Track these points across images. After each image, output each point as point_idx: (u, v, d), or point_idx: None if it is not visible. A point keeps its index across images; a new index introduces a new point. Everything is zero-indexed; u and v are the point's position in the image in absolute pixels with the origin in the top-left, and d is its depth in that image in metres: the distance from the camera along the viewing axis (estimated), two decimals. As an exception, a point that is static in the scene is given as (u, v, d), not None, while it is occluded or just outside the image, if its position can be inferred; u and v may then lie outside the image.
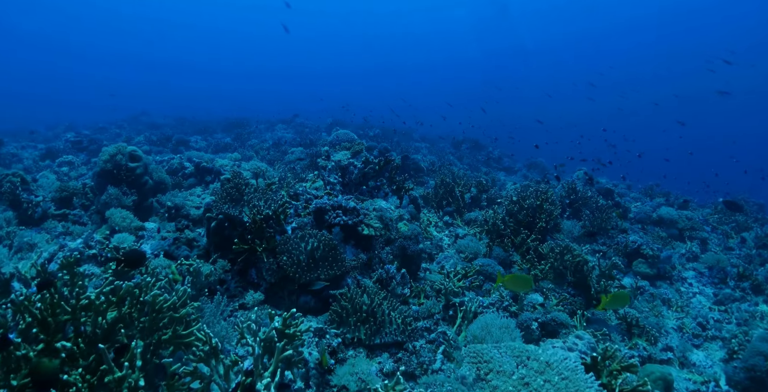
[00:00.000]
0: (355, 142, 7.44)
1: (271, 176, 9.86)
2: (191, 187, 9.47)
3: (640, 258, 8.63)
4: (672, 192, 13.62)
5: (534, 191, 6.88)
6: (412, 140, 21.50)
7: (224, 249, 4.72)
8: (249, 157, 12.87)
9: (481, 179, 9.06)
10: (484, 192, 8.88)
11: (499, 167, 18.81)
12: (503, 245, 6.30)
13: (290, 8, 15.43)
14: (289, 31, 16.18)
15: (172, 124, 24.35)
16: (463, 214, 8.42)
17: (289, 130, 20.92)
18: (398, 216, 5.59)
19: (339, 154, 7.14)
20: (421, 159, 12.38)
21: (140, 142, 15.84)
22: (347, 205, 4.91)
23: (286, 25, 15.59)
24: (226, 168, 9.74)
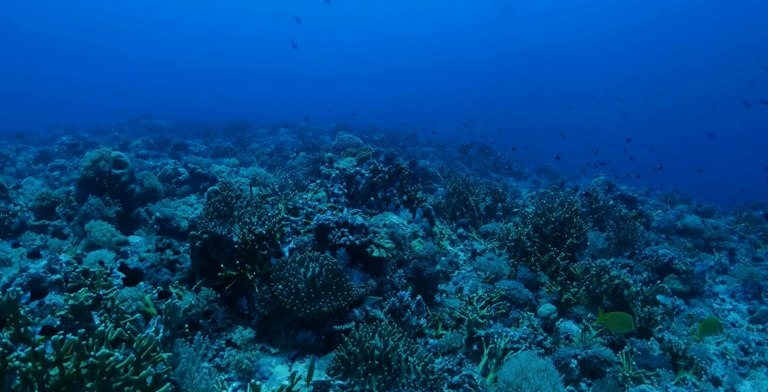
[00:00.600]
0: (362, 148, 6.72)
1: (271, 183, 9.14)
2: (185, 194, 8.77)
3: (672, 273, 7.86)
4: (693, 198, 12.84)
5: (562, 202, 6.12)
6: (417, 144, 20.77)
7: (210, 273, 3.99)
8: (249, 162, 12.18)
9: (496, 187, 8.32)
10: (500, 201, 8.14)
11: (508, 172, 18.05)
12: (529, 264, 5.55)
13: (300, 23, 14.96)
14: (296, 47, 15.74)
15: (174, 127, 23.71)
16: (479, 226, 7.67)
17: (291, 134, 20.23)
18: (412, 233, 4.86)
19: (344, 161, 6.41)
20: (429, 165, 11.65)
21: (138, 145, 15.18)
22: (354, 222, 4.18)
23: (294, 41, 15.15)
24: (223, 174, 9.03)
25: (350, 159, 6.44)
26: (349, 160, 6.32)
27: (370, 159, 6.54)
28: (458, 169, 13.21)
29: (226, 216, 4.12)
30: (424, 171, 11.28)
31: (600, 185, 10.73)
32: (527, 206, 9.01)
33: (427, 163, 11.97)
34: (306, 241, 4.19)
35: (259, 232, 3.87)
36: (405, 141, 20.99)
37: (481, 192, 10.39)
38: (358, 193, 5.28)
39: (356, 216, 4.55)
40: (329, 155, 6.24)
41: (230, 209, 4.16)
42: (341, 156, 6.67)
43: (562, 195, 9.67)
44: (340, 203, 4.99)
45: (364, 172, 5.37)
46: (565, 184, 17.55)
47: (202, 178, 8.74)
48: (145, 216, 7.11)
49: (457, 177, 12.09)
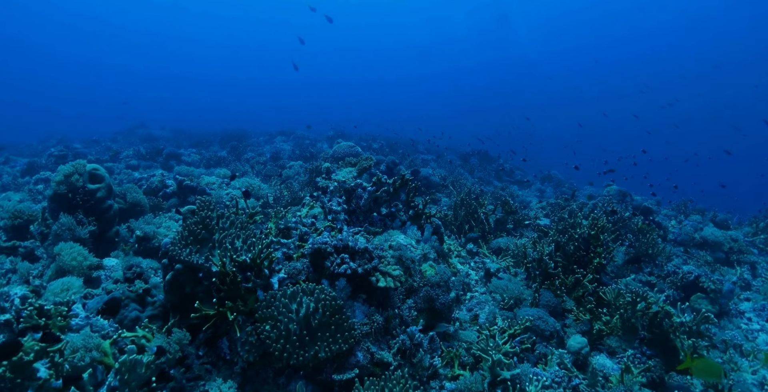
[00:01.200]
0: (362, 157, 6.08)
1: (264, 195, 8.49)
2: (173, 208, 8.10)
3: (699, 292, 7.21)
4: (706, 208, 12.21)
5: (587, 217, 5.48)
6: (417, 152, 20.17)
7: (185, 310, 3.33)
8: (243, 172, 11.53)
9: (506, 199, 7.68)
10: (512, 214, 7.49)
11: (511, 180, 17.43)
12: (553, 288, 4.89)
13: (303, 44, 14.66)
14: (298, 69, 15.35)
15: (169, 136, 23.10)
16: (489, 241, 7.02)
17: (288, 143, 19.62)
18: (422, 255, 4.20)
19: (342, 172, 5.77)
20: (431, 173, 11.03)
21: (128, 156, 14.53)
22: (356, 245, 3.53)
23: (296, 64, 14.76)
24: (213, 186, 8.38)
25: (349, 169, 5.80)
26: (349, 171, 5.68)
27: (372, 169, 5.90)
28: (461, 178, 12.58)
29: (205, 240, 3.46)
30: (427, 180, 10.64)
31: (613, 195, 10.10)
32: (539, 218, 8.38)
33: (429, 171, 11.35)
34: (299, 269, 3.53)
35: (243, 260, 3.22)
36: (402, 147, 20.41)
37: (490, 203, 9.76)
38: (359, 209, 4.64)
39: (358, 237, 3.90)
40: (327, 165, 5.61)
41: (209, 232, 3.51)
42: (339, 166, 6.03)
43: (575, 206, 9.04)
44: (339, 221, 4.34)
45: (366, 184, 4.73)
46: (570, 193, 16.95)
47: (190, 191, 8.09)
48: (125, 235, 6.45)
49: (462, 186, 11.47)
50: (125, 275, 3.78)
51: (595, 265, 5.05)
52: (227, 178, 9.04)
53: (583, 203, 9.05)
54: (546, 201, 9.85)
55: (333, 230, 4.08)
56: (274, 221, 4.22)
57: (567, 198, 9.39)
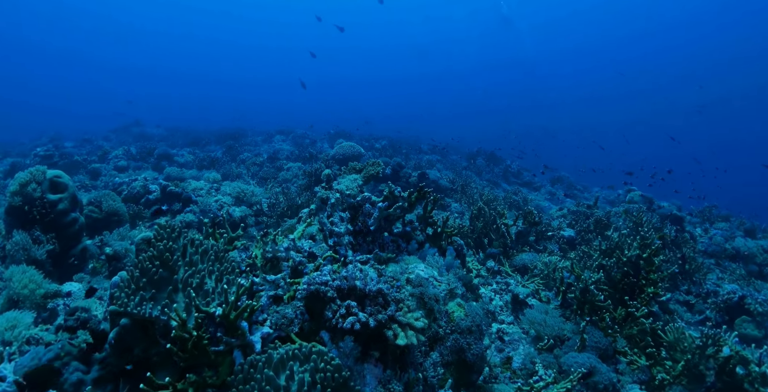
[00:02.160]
0: (368, 163, 5.19)
1: (258, 201, 7.59)
2: (155, 217, 7.20)
3: (744, 315, 6.34)
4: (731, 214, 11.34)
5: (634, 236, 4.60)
6: (421, 152, 19.25)
7: (136, 377, 2.44)
8: (237, 174, 10.62)
9: (529, 209, 6.78)
10: (535, 225, 6.60)
11: (519, 182, 16.53)
12: (602, 325, 4.00)
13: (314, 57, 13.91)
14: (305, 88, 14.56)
15: (165, 134, 22.15)
16: (512, 256, 6.13)
17: (287, 142, 18.69)
18: (447, 290, 3.31)
19: (346, 180, 4.87)
20: (439, 176, 10.13)
21: (118, 156, 13.60)
22: (366, 287, 2.64)
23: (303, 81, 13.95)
24: (201, 192, 7.47)
25: (354, 177, 4.91)
26: (353, 179, 4.79)
27: (380, 173, 5.01)
28: (470, 181, 11.69)
29: (163, 281, 2.57)
30: (435, 184, 9.75)
31: (637, 201, 9.22)
32: (562, 228, 7.49)
33: (437, 174, 10.44)
34: (290, 317, 2.63)
35: (212, 313, 2.33)
36: (405, 146, 19.49)
37: (508, 211, 8.87)
38: (367, 229, 3.74)
39: (368, 270, 3.01)
40: (327, 172, 4.75)
41: (170, 270, 2.61)
42: (342, 173, 5.14)
43: (601, 215, 8.15)
44: (343, 245, 3.45)
45: (375, 198, 3.83)
46: (580, 195, 16.09)
47: (175, 197, 7.19)
48: (96, 252, 5.55)
49: (473, 190, 10.59)
50: (66, 322, 2.89)
51: (650, 295, 4.17)
52: (217, 183, 8.13)
53: (609, 212, 8.16)
54: (567, 209, 8.96)
55: (336, 262, 3.19)
56: (259, 247, 3.32)
57: (590, 206, 8.51)
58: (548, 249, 6.79)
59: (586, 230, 7.45)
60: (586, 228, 7.43)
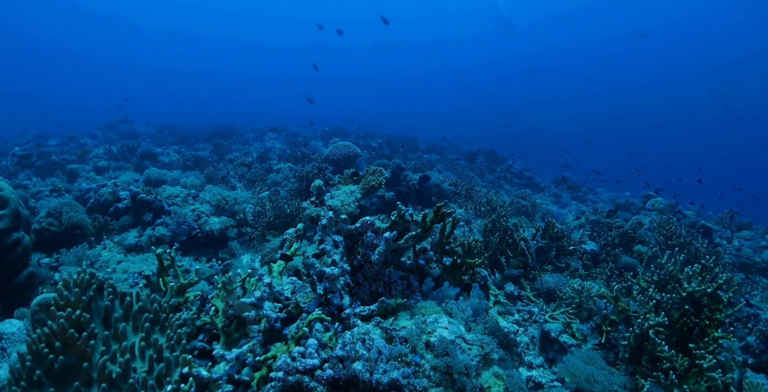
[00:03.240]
0: (368, 171, 4.27)
1: (242, 209, 6.64)
2: (124, 229, 6.25)
3: (795, 342, 5.50)
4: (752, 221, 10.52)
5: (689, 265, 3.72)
6: (419, 151, 18.34)
7: None
8: (223, 177, 9.65)
9: (551, 221, 5.88)
10: (557, 239, 5.72)
11: (521, 183, 15.66)
12: (663, 380, 3.12)
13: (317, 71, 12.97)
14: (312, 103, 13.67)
15: (153, 132, 21.07)
16: (533, 278, 5.24)
17: (280, 140, 17.70)
18: (481, 356, 2.40)
19: (341, 193, 3.96)
20: (441, 180, 9.22)
21: (98, 155, 12.57)
22: (373, 377, 1.73)
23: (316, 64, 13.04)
24: (176, 200, 6.52)
25: (351, 188, 4.00)
26: (349, 192, 3.88)
27: (382, 189, 4.09)
28: (473, 183, 10.78)
29: (69, 372, 1.64)
30: (438, 188, 8.84)
31: (661, 210, 8.36)
32: (584, 242, 6.61)
33: (438, 177, 9.54)
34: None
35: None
36: (411, 146, 18.56)
37: (517, 219, 7.96)
38: (368, 265, 2.83)
39: (373, 335, 2.11)
40: (318, 184, 3.82)
41: (80, 353, 1.68)
42: (337, 184, 4.22)
43: (627, 227, 7.27)
44: (337, 291, 2.53)
45: (380, 225, 2.90)
46: (585, 197, 15.26)
47: (145, 207, 6.23)
48: (46, 277, 4.60)
49: (478, 195, 9.69)
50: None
51: (715, 340, 3.29)
52: (195, 189, 7.16)
53: (637, 222, 7.27)
54: (584, 217, 8.07)
55: (327, 313, 2.26)
56: (221, 297, 2.38)
57: (610, 212, 7.63)
58: (571, 266, 5.91)
59: (611, 244, 6.58)
60: (611, 241, 6.56)
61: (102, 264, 5.13)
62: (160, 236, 5.63)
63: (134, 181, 10.46)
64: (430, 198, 8.71)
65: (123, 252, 5.86)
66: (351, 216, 3.78)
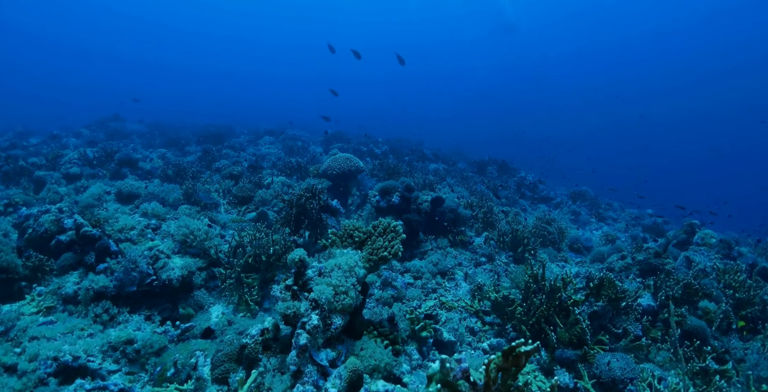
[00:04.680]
0: (379, 227, 2.88)
1: (215, 245, 5.26)
2: (65, 271, 4.88)
3: None
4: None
5: None
6: (426, 159, 16.96)
7: None
8: (205, 190, 8.26)
9: (607, 276, 4.51)
10: (616, 301, 4.35)
11: (535, 197, 14.30)
12: None
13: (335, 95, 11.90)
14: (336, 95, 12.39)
15: (144, 131, 19.65)
16: (590, 358, 3.87)
17: (276, 144, 16.30)
18: None
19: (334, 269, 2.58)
20: (457, 202, 7.82)
21: (71, 160, 11.17)
22: None
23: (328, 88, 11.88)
24: (131, 233, 5.14)
25: (349, 262, 2.65)
26: (347, 267, 2.53)
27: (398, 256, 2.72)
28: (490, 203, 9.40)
29: None
30: (453, 213, 7.46)
31: (713, 246, 7.01)
32: (639, 294, 5.23)
33: (453, 198, 8.15)
34: None
35: None
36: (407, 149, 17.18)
37: (542, 250, 6.70)
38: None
39: None
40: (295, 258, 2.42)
41: None
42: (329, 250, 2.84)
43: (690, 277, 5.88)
44: None
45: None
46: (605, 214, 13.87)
47: (90, 243, 4.85)
48: None
49: (497, 218, 8.33)
50: None
51: None
52: (156, 217, 5.76)
53: (700, 271, 5.89)
54: (628, 254, 6.68)
55: None
56: None
57: (658, 253, 6.26)
58: (629, 333, 4.54)
59: (671, 298, 5.20)
60: (671, 296, 5.18)
61: (18, 332, 3.76)
62: (101, 288, 4.25)
63: (105, 194, 9.09)
64: (443, 225, 7.34)
65: (59, 303, 4.50)
66: (348, 311, 2.43)
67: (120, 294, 4.42)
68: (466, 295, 5.37)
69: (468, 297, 5.28)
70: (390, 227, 2.79)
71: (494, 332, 4.62)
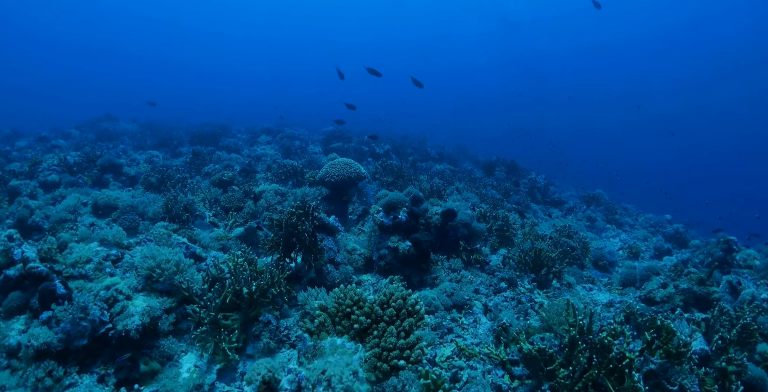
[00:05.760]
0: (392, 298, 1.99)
1: (189, 277, 4.39)
2: (12, 314, 4.02)
3: None
4: None
5: None
6: (430, 159, 16.05)
7: None
8: (187, 204, 7.38)
9: (665, 325, 3.63)
10: (678, 356, 3.49)
11: (547, 201, 13.40)
12: None
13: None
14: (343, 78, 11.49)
15: (136, 131, 18.74)
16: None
17: (273, 144, 15.39)
18: None
19: (323, 384, 1.71)
20: (471, 215, 6.91)
21: (51, 166, 10.30)
22: None
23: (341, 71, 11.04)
24: (86, 267, 4.27)
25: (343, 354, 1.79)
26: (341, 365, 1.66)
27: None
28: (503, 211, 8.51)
29: None
30: (467, 227, 6.58)
31: (758, 269, 6.11)
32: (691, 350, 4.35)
33: (466, 210, 7.26)
34: None
35: None
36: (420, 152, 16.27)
37: (569, 270, 5.89)
38: None
39: None
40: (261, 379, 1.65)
41: None
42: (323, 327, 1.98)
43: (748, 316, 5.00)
44: None
45: None
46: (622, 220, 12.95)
47: (36, 282, 3.99)
48: None
49: (515, 232, 7.45)
50: None
51: None
52: (118, 246, 4.88)
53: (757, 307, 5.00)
54: (668, 279, 5.79)
55: None
56: None
57: (702, 280, 5.38)
58: (685, 388, 3.66)
59: (728, 341, 4.33)
60: (728, 340, 4.30)
61: None
62: (42, 346, 3.40)
63: (82, 205, 8.23)
64: (456, 242, 6.46)
65: (2, 356, 3.65)
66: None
67: (67, 349, 3.57)
68: (487, 335, 4.50)
69: (491, 338, 4.41)
70: (407, 305, 1.92)
71: (526, 390, 3.76)
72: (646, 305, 5.64)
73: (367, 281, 5.32)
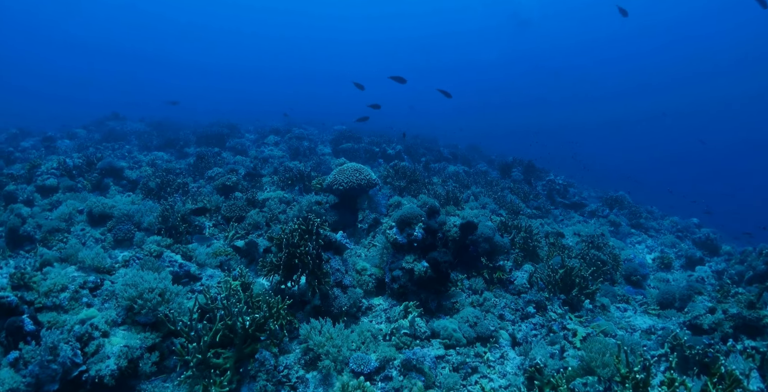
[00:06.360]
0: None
1: (176, 306, 3.87)
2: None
3: None
4: None
5: None
6: (442, 159, 15.41)
7: None
8: (185, 212, 6.86)
9: (733, 374, 3.03)
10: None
11: (567, 203, 12.69)
12: None
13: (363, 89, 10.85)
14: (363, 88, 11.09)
15: (143, 130, 18.37)
16: None
17: (281, 145, 14.87)
18: None
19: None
20: (492, 227, 6.28)
21: (50, 169, 9.87)
22: None
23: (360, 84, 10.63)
24: (61, 296, 3.76)
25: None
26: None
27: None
28: (526, 220, 7.86)
29: None
30: (488, 242, 5.97)
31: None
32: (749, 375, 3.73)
33: (486, 221, 6.65)
34: None
35: None
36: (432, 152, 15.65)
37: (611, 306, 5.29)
38: None
39: None
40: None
41: None
42: None
43: None
44: None
45: None
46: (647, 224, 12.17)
47: (6, 314, 3.49)
48: None
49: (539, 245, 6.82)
50: None
51: None
52: (97, 271, 4.37)
53: None
54: (714, 301, 5.14)
55: None
56: None
57: (752, 303, 4.72)
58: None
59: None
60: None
61: None
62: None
63: (77, 213, 7.79)
64: (477, 258, 5.86)
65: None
66: None
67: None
68: (516, 375, 3.90)
69: (521, 379, 3.81)
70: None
71: (567, 450, 3.16)
72: (692, 333, 5.00)
73: (378, 306, 4.74)
